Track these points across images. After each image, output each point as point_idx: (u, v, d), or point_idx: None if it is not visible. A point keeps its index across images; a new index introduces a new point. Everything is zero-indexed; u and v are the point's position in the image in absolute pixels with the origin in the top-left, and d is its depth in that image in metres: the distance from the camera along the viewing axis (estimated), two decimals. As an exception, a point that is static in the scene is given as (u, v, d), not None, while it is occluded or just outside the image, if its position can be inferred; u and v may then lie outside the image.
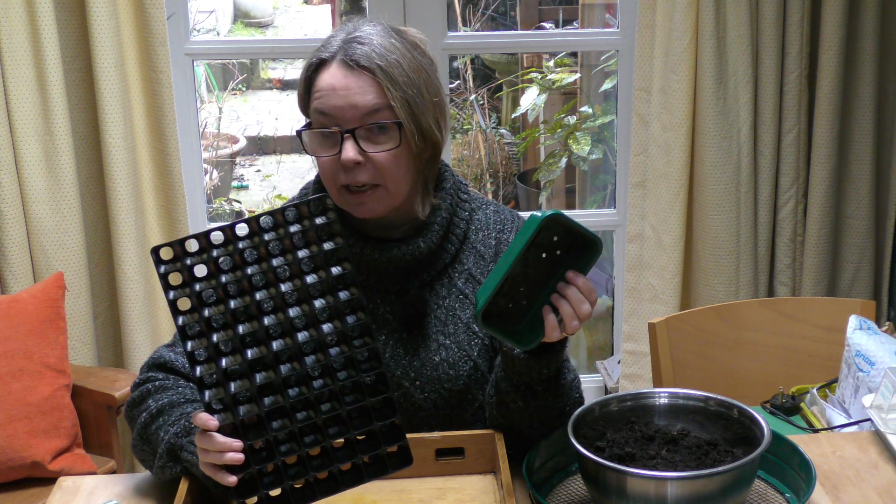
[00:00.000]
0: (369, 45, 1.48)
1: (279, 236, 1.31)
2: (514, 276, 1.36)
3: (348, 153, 1.47)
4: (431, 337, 1.59)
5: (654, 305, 2.82)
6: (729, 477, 1.28)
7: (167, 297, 1.29)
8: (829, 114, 2.70)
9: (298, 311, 1.32)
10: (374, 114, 1.47)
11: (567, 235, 1.37)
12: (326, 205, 1.32)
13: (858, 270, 2.85)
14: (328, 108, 1.48)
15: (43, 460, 2.28)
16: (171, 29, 2.64)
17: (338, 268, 1.33)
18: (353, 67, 1.47)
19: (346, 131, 1.47)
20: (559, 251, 1.38)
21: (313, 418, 1.32)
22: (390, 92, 1.46)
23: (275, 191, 5.72)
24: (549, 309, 1.38)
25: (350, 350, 1.32)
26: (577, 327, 1.38)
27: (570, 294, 1.37)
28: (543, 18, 4.56)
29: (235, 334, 1.30)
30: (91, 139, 2.61)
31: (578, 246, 1.38)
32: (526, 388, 1.46)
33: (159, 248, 1.29)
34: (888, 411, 1.58)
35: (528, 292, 1.39)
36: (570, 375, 1.52)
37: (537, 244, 1.35)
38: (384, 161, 1.48)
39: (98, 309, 2.71)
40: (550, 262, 1.38)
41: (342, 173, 1.49)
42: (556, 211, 1.34)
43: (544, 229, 1.33)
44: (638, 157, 2.79)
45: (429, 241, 1.57)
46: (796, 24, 2.65)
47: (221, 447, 1.29)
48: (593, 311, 1.38)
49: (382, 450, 1.34)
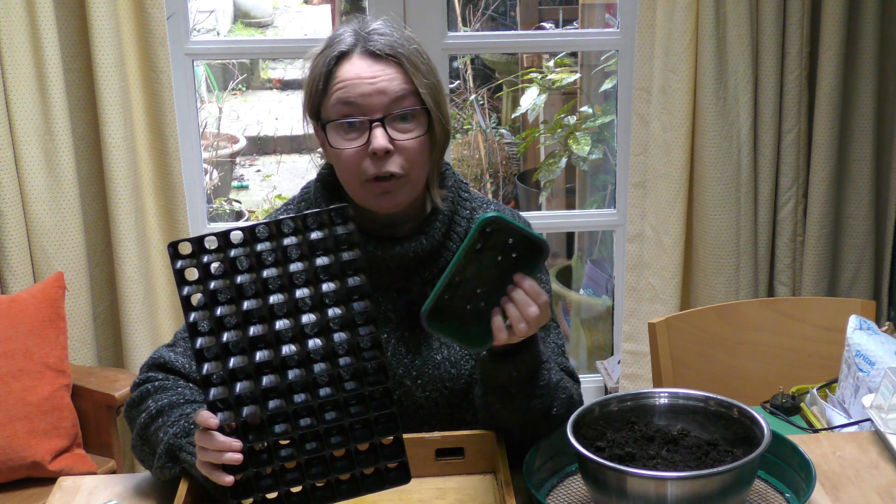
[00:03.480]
0: (389, 35, 1.49)
1: (299, 241, 1.31)
2: (468, 278, 1.36)
3: (379, 141, 1.46)
4: (433, 336, 1.59)
5: (654, 305, 2.82)
6: (729, 477, 1.29)
7: (180, 293, 1.29)
8: (829, 114, 2.70)
9: (311, 318, 1.32)
10: (402, 100, 1.47)
11: (517, 238, 1.37)
12: (347, 214, 1.32)
13: (858, 270, 2.85)
14: (354, 97, 1.46)
15: (43, 460, 2.28)
16: (171, 29, 2.64)
17: (354, 278, 1.33)
18: (378, 56, 1.47)
19: (374, 120, 1.47)
20: (515, 254, 1.38)
21: (315, 426, 1.32)
22: (417, 79, 1.47)
23: (275, 191, 5.71)
24: (498, 311, 1.38)
25: (359, 362, 1.32)
26: (525, 330, 1.37)
27: (516, 297, 1.36)
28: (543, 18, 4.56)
29: (246, 335, 1.30)
30: (91, 139, 2.61)
31: (529, 248, 1.38)
32: (501, 389, 1.46)
33: (177, 243, 1.29)
34: (888, 411, 1.58)
35: (485, 294, 1.39)
36: (552, 377, 1.49)
37: (491, 246, 1.35)
38: (413, 148, 1.48)
39: (98, 309, 2.71)
40: (506, 264, 1.38)
41: (370, 164, 1.48)
42: (497, 213, 1.34)
43: (496, 231, 1.33)
44: (638, 157, 2.79)
45: (431, 238, 1.57)
46: (796, 24, 2.65)
47: (221, 446, 1.29)
48: (544, 316, 1.37)
49: (382, 464, 1.34)
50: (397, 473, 1.36)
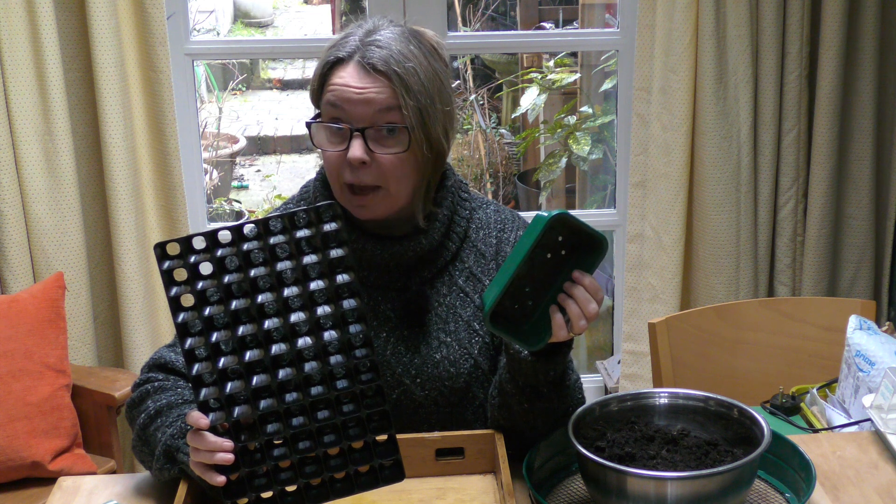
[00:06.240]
0: (387, 49, 1.48)
1: (287, 240, 1.31)
2: (520, 277, 1.36)
3: (355, 152, 1.47)
4: (432, 334, 1.59)
5: (654, 305, 2.82)
6: (729, 477, 1.29)
7: (168, 294, 1.28)
8: (829, 114, 2.70)
9: (301, 317, 1.31)
10: (387, 113, 1.47)
11: (572, 235, 1.37)
12: (336, 211, 1.32)
13: (858, 270, 2.85)
14: (341, 102, 1.48)
15: (43, 460, 2.28)
16: (171, 29, 2.64)
17: (343, 276, 1.32)
18: (369, 70, 1.47)
19: (356, 129, 1.47)
20: (564, 251, 1.38)
21: (308, 425, 1.32)
22: (403, 99, 1.46)
23: (275, 191, 5.71)
24: (557, 308, 1.37)
25: (350, 359, 1.32)
26: (585, 327, 1.37)
27: (577, 294, 1.36)
28: (543, 18, 4.56)
29: (235, 335, 1.30)
30: (91, 139, 2.61)
31: (583, 245, 1.38)
32: (532, 389, 1.46)
33: (165, 243, 1.28)
34: (888, 411, 1.58)
35: (533, 293, 1.39)
36: (574, 376, 1.52)
37: (543, 244, 1.35)
38: (390, 163, 1.49)
39: (98, 309, 2.71)
40: (555, 262, 1.38)
41: (347, 171, 1.49)
42: (562, 210, 1.34)
43: (550, 229, 1.33)
44: (638, 157, 2.79)
45: (430, 238, 1.57)
46: (796, 24, 2.65)
47: (212, 446, 1.29)
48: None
49: (376, 462, 1.34)
50: (391, 471, 1.35)
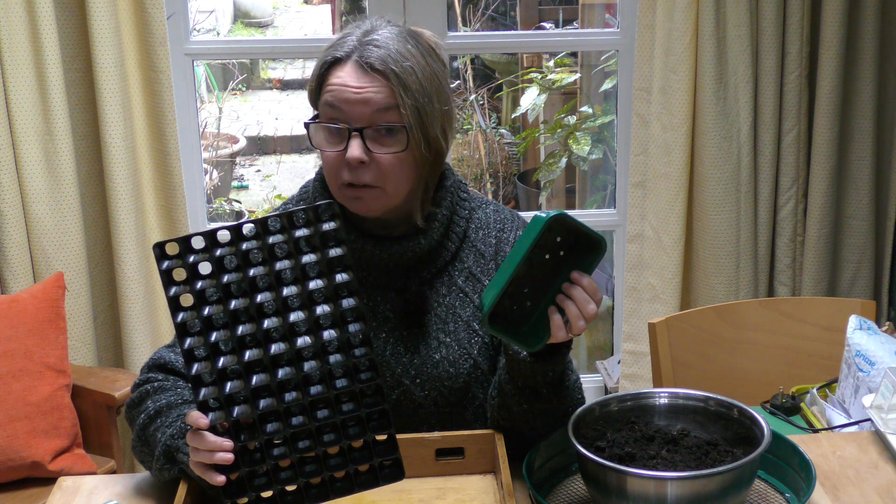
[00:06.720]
0: (385, 48, 1.48)
1: (285, 239, 1.31)
2: (519, 278, 1.36)
3: (354, 152, 1.47)
4: (432, 335, 1.59)
5: (654, 305, 2.82)
6: (729, 477, 1.29)
7: (167, 294, 1.28)
8: (829, 114, 2.70)
9: (300, 316, 1.31)
10: (385, 112, 1.47)
11: (570, 236, 1.37)
12: (335, 211, 1.32)
13: (858, 270, 2.85)
14: (339, 102, 1.48)
15: (43, 460, 2.28)
16: (171, 29, 2.64)
17: (342, 275, 1.32)
18: (367, 70, 1.47)
19: (354, 129, 1.47)
20: (562, 252, 1.38)
21: (307, 424, 1.32)
22: (402, 99, 1.46)
23: (275, 191, 5.71)
24: (555, 309, 1.37)
25: (349, 358, 1.32)
26: (584, 328, 1.37)
27: (575, 294, 1.37)
28: (543, 18, 4.56)
29: (234, 334, 1.30)
30: (91, 139, 2.61)
31: (582, 246, 1.38)
32: (531, 390, 1.46)
33: (163, 243, 1.29)
34: (888, 411, 1.58)
35: (531, 294, 1.39)
36: (573, 377, 1.52)
37: (541, 245, 1.35)
38: (388, 163, 1.49)
39: (98, 309, 2.71)
40: (554, 262, 1.38)
41: (345, 171, 1.49)
42: (560, 211, 1.34)
43: (548, 230, 1.33)
44: (638, 157, 2.79)
45: (429, 238, 1.57)
46: (796, 24, 2.65)
47: (211, 446, 1.29)
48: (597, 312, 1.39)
49: (376, 461, 1.34)
50: (391, 470, 1.35)
